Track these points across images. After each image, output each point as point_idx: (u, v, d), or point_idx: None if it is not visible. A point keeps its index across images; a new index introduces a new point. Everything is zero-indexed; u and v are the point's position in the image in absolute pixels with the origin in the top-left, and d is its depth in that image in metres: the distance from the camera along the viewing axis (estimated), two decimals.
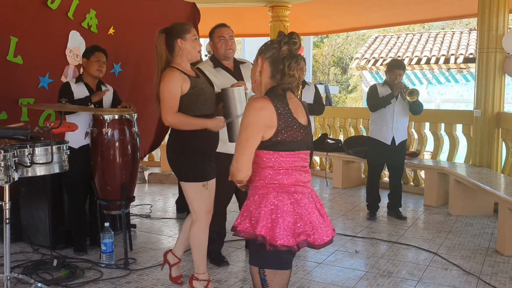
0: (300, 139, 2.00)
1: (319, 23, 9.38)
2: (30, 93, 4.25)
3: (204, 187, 3.00)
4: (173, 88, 2.88)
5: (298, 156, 2.01)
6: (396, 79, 4.92)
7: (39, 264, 3.66)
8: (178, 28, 2.99)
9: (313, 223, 1.97)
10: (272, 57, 2.00)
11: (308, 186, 2.05)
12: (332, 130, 7.91)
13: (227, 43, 3.63)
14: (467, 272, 3.63)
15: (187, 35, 2.97)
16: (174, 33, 2.97)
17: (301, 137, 2.01)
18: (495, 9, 5.47)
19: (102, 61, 4.00)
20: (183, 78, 2.91)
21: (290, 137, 1.98)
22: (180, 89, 2.90)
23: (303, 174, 2.03)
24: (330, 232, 2.05)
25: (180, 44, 2.95)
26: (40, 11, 4.27)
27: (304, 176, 2.03)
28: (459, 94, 14.24)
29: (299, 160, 2.02)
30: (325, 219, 2.04)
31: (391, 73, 4.98)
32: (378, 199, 5.27)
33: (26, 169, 2.99)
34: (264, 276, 1.99)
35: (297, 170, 2.01)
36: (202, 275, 3.11)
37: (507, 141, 5.55)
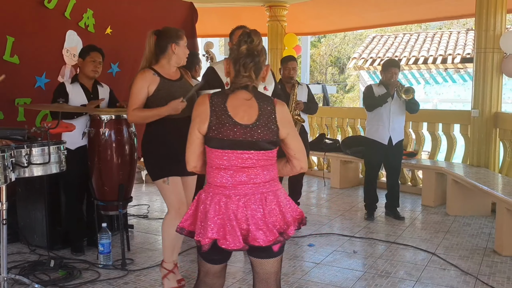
0: (234, 138, 1.98)
1: (316, 23, 9.38)
2: (26, 93, 4.24)
3: (165, 182, 3.11)
4: (139, 87, 3.03)
5: (232, 154, 1.99)
6: (392, 77, 4.93)
7: (36, 265, 3.64)
8: (173, 33, 3.10)
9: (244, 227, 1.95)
10: (234, 58, 2.03)
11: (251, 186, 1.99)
12: (330, 130, 7.91)
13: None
14: (465, 272, 3.63)
15: (181, 41, 3.11)
16: (168, 37, 3.08)
17: (235, 136, 1.98)
18: (492, 9, 5.48)
19: (97, 61, 3.97)
20: (152, 79, 3.04)
21: (221, 135, 1.98)
22: (146, 90, 3.03)
23: (241, 174, 1.99)
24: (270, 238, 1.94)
25: (174, 48, 3.07)
26: (36, 11, 4.26)
27: (243, 176, 1.99)
28: (456, 94, 14.27)
29: (234, 159, 1.99)
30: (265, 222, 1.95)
31: (387, 72, 4.98)
32: (376, 199, 5.27)
33: (23, 169, 2.98)
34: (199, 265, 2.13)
35: (231, 170, 2.00)
36: (165, 264, 3.25)
37: (504, 141, 5.56)
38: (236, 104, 2.01)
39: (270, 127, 2.00)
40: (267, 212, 1.97)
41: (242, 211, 1.96)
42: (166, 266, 3.25)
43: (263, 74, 2.08)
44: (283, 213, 2.00)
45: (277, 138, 2.03)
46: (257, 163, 2.01)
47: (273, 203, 2.00)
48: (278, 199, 2.02)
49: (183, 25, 5.96)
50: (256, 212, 1.96)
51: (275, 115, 2.02)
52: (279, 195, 2.04)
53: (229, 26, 3.87)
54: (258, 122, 2.00)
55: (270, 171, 2.04)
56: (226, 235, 1.94)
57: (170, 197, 3.16)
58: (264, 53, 2.07)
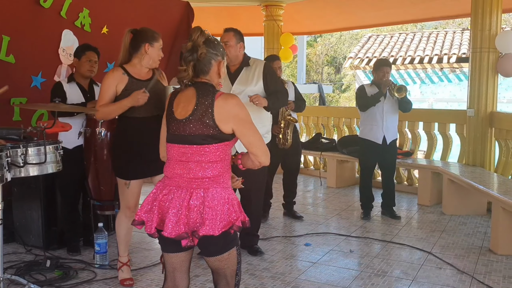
0: (172, 132, 2.08)
1: (312, 23, 9.39)
2: (22, 93, 4.22)
3: (126, 185, 3.19)
4: (107, 85, 3.10)
5: (172, 148, 2.09)
6: (384, 76, 4.94)
7: (32, 265, 3.63)
8: (149, 34, 3.13)
9: (163, 214, 2.02)
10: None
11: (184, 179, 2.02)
12: (326, 129, 7.92)
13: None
14: (461, 271, 3.65)
15: (155, 43, 3.13)
16: (143, 37, 3.11)
17: (173, 131, 2.08)
18: (488, 9, 5.50)
19: (93, 61, 3.96)
20: (120, 78, 3.09)
21: (167, 129, 2.13)
22: (114, 88, 3.10)
23: (177, 167, 2.06)
24: (176, 231, 1.96)
25: (147, 48, 3.10)
26: (32, 10, 4.24)
27: (179, 169, 2.05)
28: (452, 93, 14.31)
29: (174, 152, 2.08)
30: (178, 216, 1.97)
31: (378, 71, 5.00)
32: (372, 199, 5.28)
33: (19, 169, 2.97)
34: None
35: (172, 161, 2.09)
36: (120, 258, 3.42)
37: (500, 141, 5.58)
38: (180, 100, 2.10)
39: (204, 121, 2.00)
40: (186, 207, 1.97)
41: (167, 200, 2.02)
42: (121, 260, 3.42)
43: (216, 69, 2.12)
44: (204, 213, 1.96)
45: (216, 133, 2.01)
46: (191, 158, 2.03)
47: (198, 200, 1.98)
48: (204, 197, 1.98)
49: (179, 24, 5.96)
50: (176, 204, 1.99)
51: (213, 109, 2.00)
52: (208, 194, 1.99)
53: (225, 26, 3.88)
54: (191, 116, 2.02)
55: (206, 169, 2.02)
56: (148, 219, 2.06)
57: (128, 198, 3.24)
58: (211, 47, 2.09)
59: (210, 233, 1.94)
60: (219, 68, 2.13)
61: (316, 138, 7.40)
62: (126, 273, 3.40)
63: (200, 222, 1.96)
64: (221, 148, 2.04)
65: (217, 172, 2.03)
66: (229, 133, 2.04)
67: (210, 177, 2.02)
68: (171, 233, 1.95)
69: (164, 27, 5.26)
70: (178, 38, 5.90)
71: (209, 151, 2.02)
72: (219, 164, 2.04)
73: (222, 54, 2.15)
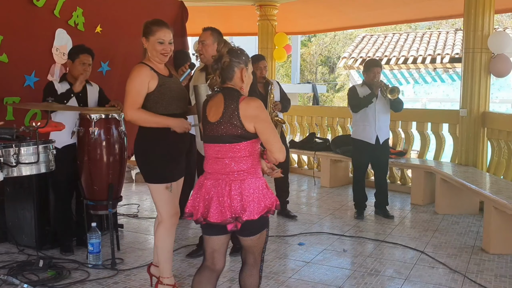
0: (207, 133, 2.42)
1: (306, 22, 9.40)
2: (15, 92, 4.19)
3: (168, 189, 2.93)
4: (139, 83, 2.84)
5: (209, 147, 2.41)
6: (375, 77, 4.97)
7: (24, 265, 3.61)
8: (146, 27, 2.96)
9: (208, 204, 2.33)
10: None
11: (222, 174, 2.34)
12: (320, 129, 7.93)
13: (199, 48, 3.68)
14: (453, 270, 3.67)
15: (151, 37, 2.92)
16: (142, 31, 2.97)
17: (208, 132, 2.42)
18: (480, 10, 5.53)
19: (87, 64, 3.92)
20: (151, 75, 2.86)
21: (203, 131, 2.48)
22: (146, 86, 2.84)
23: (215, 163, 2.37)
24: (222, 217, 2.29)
25: (144, 42, 2.95)
26: (25, 9, 4.21)
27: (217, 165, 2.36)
28: (445, 93, 14.38)
29: (210, 151, 2.40)
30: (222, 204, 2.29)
31: (369, 71, 5.02)
32: (365, 198, 5.30)
33: (12, 169, 2.96)
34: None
35: (210, 159, 2.41)
36: (166, 279, 3.01)
37: (492, 140, 5.61)
38: (211, 105, 2.42)
39: (232, 122, 2.32)
40: (227, 196, 2.29)
41: (210, 192, 2.34)
42: (168, 282, 2.99)
43: (239, 75, 2.40)
44: (244, 200, 2.29)
45: (244, 132, 2.32)
46: (225, 155, 2.35)
47: (237, 190, 2.30)
48: (242, 187, 2.31)
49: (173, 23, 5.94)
50: (218, 195, 2.31)
51: (238, 112, 2.31)
52: (245, 184, 2.31)
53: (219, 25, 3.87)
54: (221, 119, 2.34)
55: (239, 163, 2.33)
56: (194, 209, 2.38)
57: (165, 206, 2.95)
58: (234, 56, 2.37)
59: (251, 218, 2.27)
60: (242, 74, 2.41)
61: (310, 137, 7.42)
62: None
63: (241, 209, 2.28)
64: (249, 145, 2.35)
65: (250, 165, 2.35)
66: (253, 132, 2.33)
67: (244, 170, 2.34)
68: (217, 218, 2.29)
69: None
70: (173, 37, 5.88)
71: (239, 148, 2.34)
72: (250, 158, 2.36)
73: (245, 62, 2.43)
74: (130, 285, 3.38)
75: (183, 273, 3.60)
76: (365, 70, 5.10)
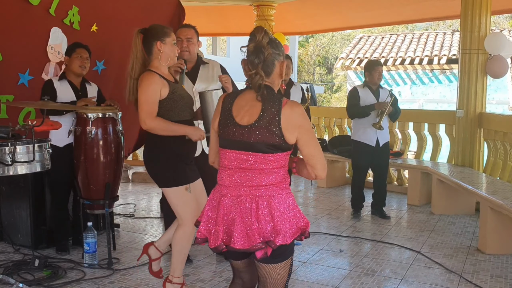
0: (233, 138, 1.96)
1: (304, 23, 9.41)
2: (9, 90, 4.17)
3: (187, 190, 2.90)
4: (153, 92, 2.79)
5: (232, 154, 1.97)
6: (378, 77, 4.99)
7: (20, 264, 3.60)
8: (158, 30, 2.89)
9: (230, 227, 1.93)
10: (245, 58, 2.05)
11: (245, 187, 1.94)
12: (317, 129, 7.93)
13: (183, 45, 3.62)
14: (449, 271, 3.68)
15: (167, 38, 2.89)
16: (153, 35, 2.87)
17: (234, 137, 1.96)
18: (477, 11, 5.54)
19: (84, 57, 3.93)
20: (162, 83, 2.83)
21: (224, 134, 2.01)
22: (159, 94, 2.81)
23: (238, 174, 1.96)
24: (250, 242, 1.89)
25: (160, 47, 2.87)
26: (20, 7, 4.20)
27: (239, 177, 1.96)
28: (442, 94, 14.42)
29: (234, 159, 1.97)
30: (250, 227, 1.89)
31: (373, 71, 5.01)
32: (363, 199, 5.30)
33: (7, 167, 2.95)
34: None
35: (230, 169, 1.98)
36: (176, 279, 3.01)
37: (488, 141, 5.63)
38: (240, 105, 1.99)
39: (271, 129, 1.91)
40: (254, 217, 1.89)
41: (231, 212, 1.93)
42: (177, 280, 3.01)
43: (278, 70, 2.02)
44: (275, 221, 1.89)
45: (281, 142, 1.92)
46: (254, 166, 1.94)
47: (265, 209, 1.90)
48: (271, 205, 1.90)
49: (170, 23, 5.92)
50: (242, 215, 1.90)
51: (279, 117, 1.91)
52: (274, 201, 1.92)
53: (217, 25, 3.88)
54: (257, 123, 1.92)
55: (269, 176, 1.94)
56: (210, 233, 1.96)
57: (186, 208, 2.90)
58: (274, 47, 1.97)
59: (285, 243, 1.89)
60: (282, 69, 2.03)
61: None
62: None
63: (272, 231, 1.89)
64: (284, 157, 1.97)
65: (280, 179, 1.97)
66: (292, 143, 1.95)
67: (273, 184, 1.94)
68: (244, 244, 1.88)
69: None
70: None
71: (273, 160, 1.94)
72: (281, 171, 1.98)
73: (283, 54, 2.04)
74: (126, 284, 3.37)
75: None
76: (367, 70, 5.08)
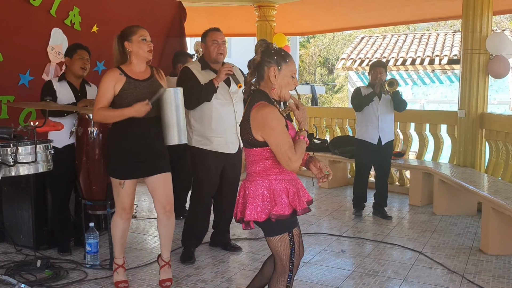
0: None
1: (305, 23, 9.41)
2: (9, 91, 4.19)
3: (121, 185, 3.14)
4: (105, 86, 3.06)
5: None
6: (377, 77, 4.97)
7: (22, 265, 3.60)
8: (126, 31, 3.13)
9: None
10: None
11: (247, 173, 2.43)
12: (319, 130, 7.93)
13: (220, 48, 3.72)
14: (451, 271, 3.67)
15: (133, 37, 3.09)
16: (121, 37, 3.13)
17: None
18: (479, 11, 5.53)
19: (85, 58, 3.94)
20: (118, 79, 3.06)
21: None
22: (112, 89, 3.06)
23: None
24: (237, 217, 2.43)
25: (128, 46, 3.10)
26: (21, 8, 4.21)
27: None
28: (443, 95, 14.40)
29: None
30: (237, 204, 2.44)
31: (373, 71, 5.05)
32: (365, 199, 5.30)
33: (9, 168, 2.95)
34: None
35: None
36: (116, 260, 3.37)
37: (490, 142, 5.62)
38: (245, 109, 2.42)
39: (245, 128, 2.33)
40: (242, 197, 2.37)
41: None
42: (116, 261, 3.36)
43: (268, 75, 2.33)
44: (245, 202, 2.33)
45: (254, 140, 2.30)
46: (247, 157, 2.39)
47: (245, 192, 2.35)
48: (249, 189, 2.33)
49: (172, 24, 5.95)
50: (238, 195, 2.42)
51: (249, 119, 2.30)
52: (251, 187, 2.32)
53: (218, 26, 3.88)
54: (241, 123, 2.37)
55: (254, 165, 2.35)
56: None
57: (123, 199, 3.20)
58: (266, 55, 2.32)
59: (252, 219, 2.29)
60: (271, 74, 2.32)
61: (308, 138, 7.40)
62: (121, 275, 3.35)
63: (242, 210, 2.35)
64: (262, 151, 2.31)
65: (262, 168, 2.33)
66: (262, 141, 2.28)
67: (255, 172, 2.34)
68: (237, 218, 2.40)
69: (156, 26, 5.25)
70: (170, 38, 5.88)
71: (254, 154, 2.34)
72: (265, 162, 2.32)
73: (277, 62, 2.32)
74: (128, 285, 3.37)
75: (181, 273, 3.59)
76: (369, 71, 5.13)
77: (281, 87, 2.35)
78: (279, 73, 2.33)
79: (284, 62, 2.34)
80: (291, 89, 2.41)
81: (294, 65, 2.40)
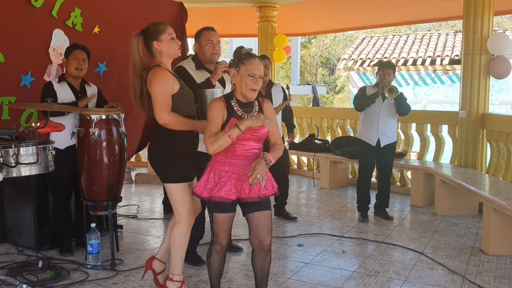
0: None
1: (306, 24, 9.41)
2: (11, 92, 4.19)
3: (190, 187, 2.97)
4: (166, 86, 2.85)
5: None
6: (384, 78, 4.93)
7: (24, 266, 3.61)
8: (153, 30, 2.94)
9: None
10: None
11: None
12: (320, 130, 7.93)
13: (214, 48, 3.66)
14: (452, 272, 3.67)
15: (162, 35, 2.93)
16: (149, 35, 2.93)
17: None
18: (480, 12, 5.53)
19: (80, 58, 3.92)
20: (172, 78, 2.91)
21: None
22: (171, 88, 2.87)
23: None
24: None
25: (157, 46, 2.92)
26: (23, 9, 4.22)
27: None
28: (444, 95, 14.39)
29: None
30: None
31: (380, 72, 5.00)
32: (368, 201, 5.27)
33: (11, 169, 2.96)
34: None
35: None
36: (176, 276, 3.06)
37: (491, 142, 5.62)
38: None
39: None
40: None
41: None
42: (178, 278, 3.06)
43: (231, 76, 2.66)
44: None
45: None
46: None
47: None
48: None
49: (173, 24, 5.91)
50: None
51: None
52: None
53: (219, 26, 3.88)
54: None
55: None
56: None
57: (185, 205, 2.97)
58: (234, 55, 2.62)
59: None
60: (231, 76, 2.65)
61: (310, 139, 7.42)
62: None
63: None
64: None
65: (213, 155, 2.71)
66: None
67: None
68: None
69: None
70: None
71: None
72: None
73: (235, 64, 2.60)
74: (129, 286, 3.38)
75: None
76: (377, 71, 5.10)
77: (240, 86, 2.60)
78: (238, 74, 2.60)
79: (242, 63, 2.58)
80: (252, 88, 2.58)
81: (255, 65, 2.55)
